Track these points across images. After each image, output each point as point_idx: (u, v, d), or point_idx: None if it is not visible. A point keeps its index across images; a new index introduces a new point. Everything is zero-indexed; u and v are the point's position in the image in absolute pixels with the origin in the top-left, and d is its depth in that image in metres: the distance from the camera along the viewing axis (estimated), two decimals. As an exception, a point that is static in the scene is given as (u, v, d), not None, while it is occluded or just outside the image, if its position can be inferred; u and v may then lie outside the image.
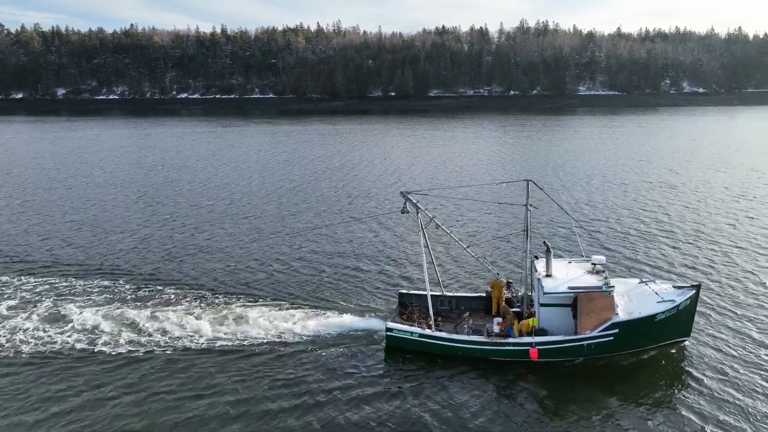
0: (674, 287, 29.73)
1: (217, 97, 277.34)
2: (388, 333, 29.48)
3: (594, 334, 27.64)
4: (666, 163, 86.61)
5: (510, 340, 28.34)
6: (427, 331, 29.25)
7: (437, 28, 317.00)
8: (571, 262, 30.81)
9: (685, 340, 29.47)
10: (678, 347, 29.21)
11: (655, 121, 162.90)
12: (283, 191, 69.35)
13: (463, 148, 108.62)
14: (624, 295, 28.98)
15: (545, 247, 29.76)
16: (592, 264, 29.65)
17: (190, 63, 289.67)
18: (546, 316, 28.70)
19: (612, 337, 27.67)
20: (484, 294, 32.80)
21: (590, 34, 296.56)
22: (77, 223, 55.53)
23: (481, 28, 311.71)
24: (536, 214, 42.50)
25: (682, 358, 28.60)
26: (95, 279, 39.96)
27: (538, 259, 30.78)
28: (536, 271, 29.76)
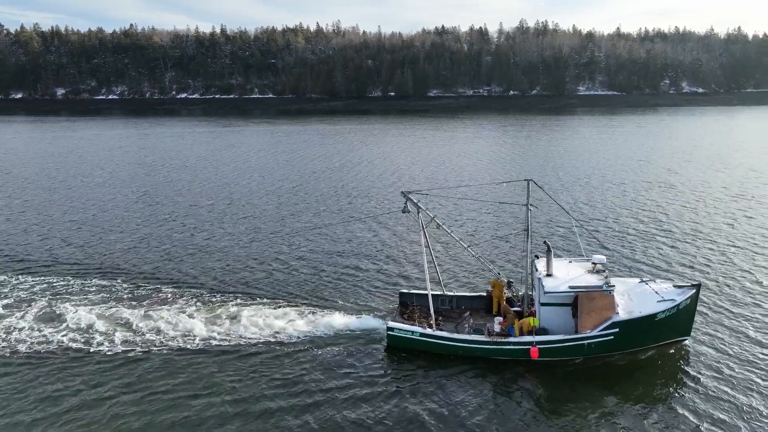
0: (674, 287, 29.80)
1: (216, 97, 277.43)
2: (389, 332, 29.54)
3: (594, 333, 27.71)
4: (665, 163, 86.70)
5: (511, 339, 28.40)
6: (428, 331, 29.30)
7: (437, 28, 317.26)
8: (571, 262, 30.90)
9: (685, 340, 29.56)
10: (678, 346, 29.29)
11: (654, 121, 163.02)
12: (282, 191, 69.41)
13: (463, 148, 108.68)
14: (624, 295, 29.04)
15: (546, 246, 29.84)
16: (593, 263, 29.73)
17: (189, 63, 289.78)
18: (547, 316, 28.77)
19: (612, 337, 27.74)
20: (485, 293, 32.87)
21: (590, 34, 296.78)
22: (76, 223, 55.56)
23: (480, 28, 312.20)
24: (537, 213, 42.59)
25: (682, 357, 28.68)
26: (93, 278, 39.98)
27: (539, 258, 30.85)
28: (537, 270, 29.82)
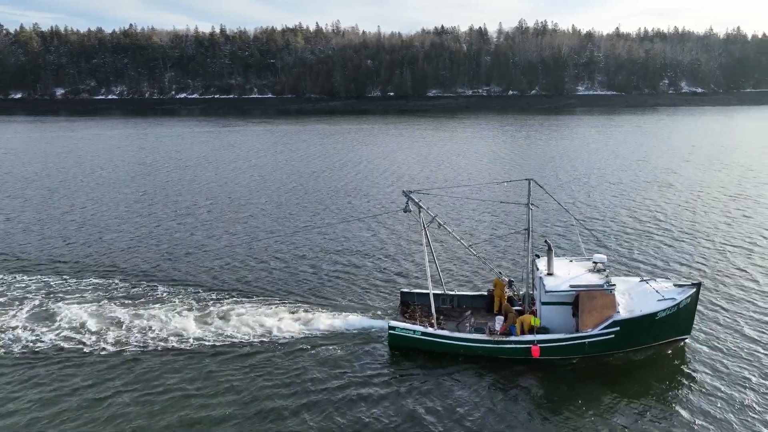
0: (675, 286, 29.89)
1: (215, 97, 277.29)
2: (390, 331, 29.62)
3: (595, 332, 27.81)
4: (665, 162, 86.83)
5: (512, 338, 28.49)
6: (430, 330, 29.40)
7: (436, 28, 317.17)
8: (572, 261, 30.99)
9: (686, 338, 29.66)
10: (678, 345, 29.39)
11: (653, 121, 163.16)
12: (282, 191, 69.47)
13: (462, 147, 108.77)
14: (625, 294, 29.15)
15: (547, 245, 29.96)
16: (593, 263, 29.83)
17: (188, 63, 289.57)
18: (548, 315, 28.89)
19: (613, 335, 27.84)
20: (486, 293, 32.98)
21: (589, 34, 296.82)
22: (75, 222, 55.57)
23: (480, 28, 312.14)
24: (537, 213, 42.66)
25: (683, 356, 28.78)
26: (91, 278, 39.92)
27: (540, 257, 30.98)
28: (538, 269, 29.94)
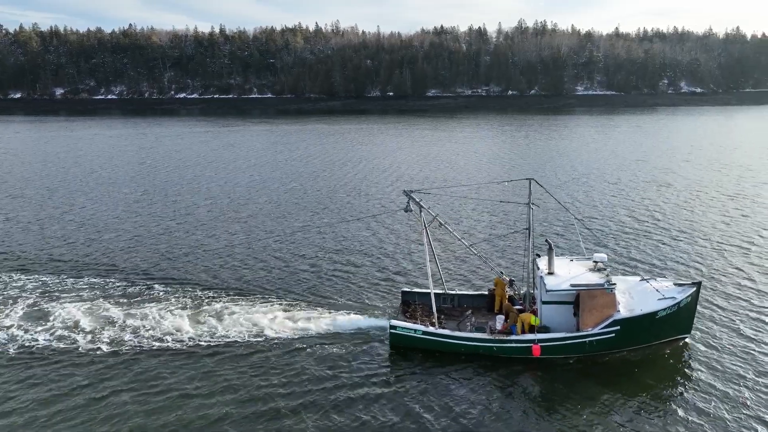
0: (675, 285, 29.98)
1: (215, 96, 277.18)
2: (391, 330, 29.67)
3: (596, 331, 27.89)
4: (664, 162, 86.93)
5: (513, 337, 28.57)
6: (431, 329, 29.46)
7: (435, 28, 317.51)
8: (572, 260, 31.04)
9: (686, 337, 29.74)
10: (679, 344, 29.48)
11: (652, 120, 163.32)
12: (281, 191, 69.49)
13: (462, 147, 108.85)
14: (625, 293, 29.22)
15: (547, 245, 30.03)
16: (594, 262, 29.91)
17: (188, 63, 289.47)
18: (548, 314, 28.96)
19: (614, 334, 27.92)
20: (487, 292, 33.04)
21: (588, 34, 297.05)
22: (74, 222, 55.54)
23: (479, 28, 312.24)
24: (538, 212, 42.77)
25: (683, 355, 28.87)
26: (89, 277, 39.93)
27: (540, 257, 31.06)
28: (538, 268, 30.01)
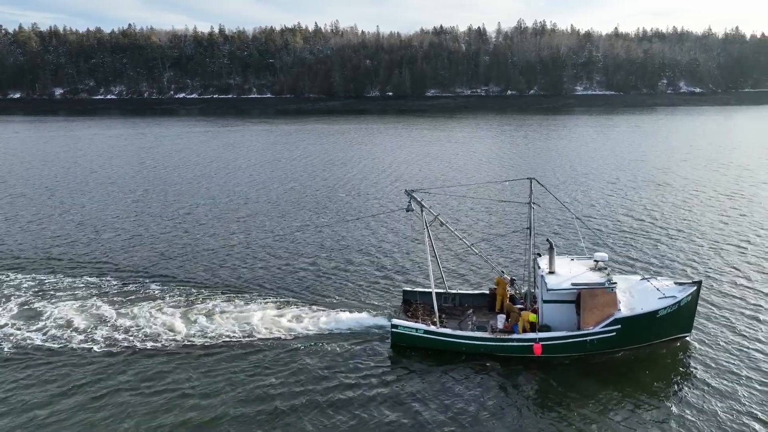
0: (675, 283, 30.06)
1: (214, 96, 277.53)
2: (393, 329, 29.76)
3: (597, 329, 27.98)
4: (664, 162, 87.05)
5: (514, 336, 28.68)
6: (432, 328, 29.56)
7: (435, 28, 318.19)
8: (573, 259, 31.11)
9: (687, 336, 29.84)
10: (679, 343, 29.59)
11: (652, 120, 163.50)
12: (281, 191, 69.53)
13: (462, 147, 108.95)
14: (626, 292, 29.31)
15: (548, 244, 30.12)
16: (595, 261, 29.99)
17: (187, 63, 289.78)
18: (549, 313, 29.06)
19: (614, 333, 28.01)
20: (488, 291, 33.13)
21: (587, 34, 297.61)
22: (72, 222, 55.53)
23: (478, 27, 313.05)
24: (538, 211, 42.86)
25: (684, 354, 28.98)
26: (86, 276, 40.03)
27: (541, 256, 31.15)
28: (539, 267, 30.08)
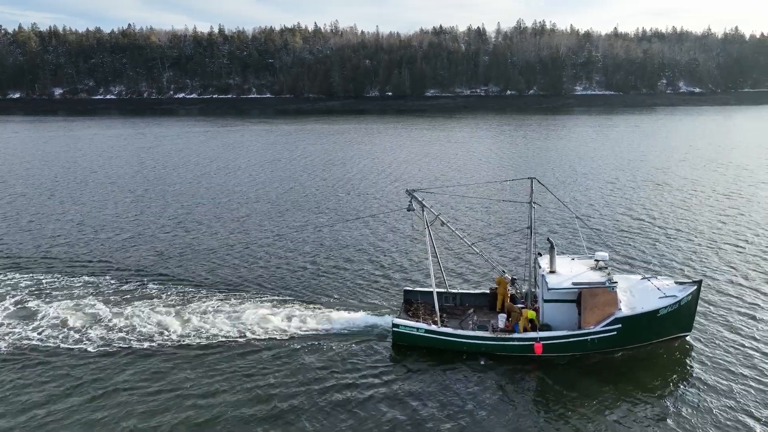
0: (676, 283, 30.17)
1: (214, 96, 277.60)
2: (394, 329, 29.85)
3: (597, 329, 28.08)
4: (663, 162, 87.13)
5: (515, 335, 28.77)
6: (433, 327, 29.65)
7: (434, 28, 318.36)
8: (574, 259, 31.22)
9: (687, 335, 29.95)
10: (680, 342, 29.70)
11: (651, 120, 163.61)
12: (281, 190, 69.55)
13: (461, 147, 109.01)
14: (627, 291, 29.43)
15: (549, 243, 30.21)
16: (595, 260, 30.09)
17: (187, 63, 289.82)
18: (550, 312, 29.16)
19: (615, 332, 28.11)
20: (489, 291, 33.21)
21: (587, 34, 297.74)
22: (71, 222, 55.66)
23: (478, 27, 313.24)
24: (539, 211, 42.89)
25: (684, 353, 29.09)
26: (85, 275, 40.28)
27: (542, 255, 31.23)
28: (540, 267, 30.18)
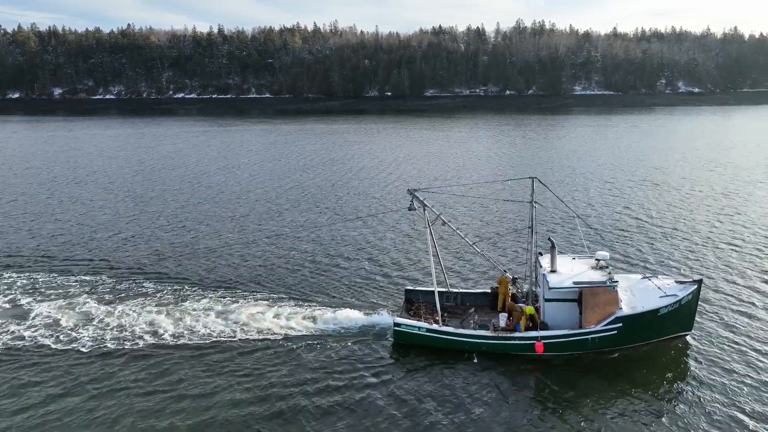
0: (676, 282, 30.35)
1: (213, 96, 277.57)
2: (395, 328, 29.96)
3: (598, 328, 28.22)
4: (662, 162, 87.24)
5: (516, 334, 28.89)
6: (435, 326, 29.76)
7: (434, 28, 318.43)
8: (575, 258, 31.35)
9: (687, 334, 30.08)
10: (680, 341, 29.82)
11: (650, 120, 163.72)
12: (281, 190, 69.61)
13: (461, 147, 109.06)
14: (627, 290, 29.58)
15: (550, 243, 30.32)
16: (596, 260, 30.24)
17: (186, 63, 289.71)
18: (551, 311, 29.28)
19: (616, 331, 28.25)
20: (490, 290, 33.32)
21: (586, 34, 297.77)
22: (70, 221, 55.79)
23: (477, 28, 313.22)
24: (540, 211, 43.01)
25: (684, 351, 29.20)
26: (81, 275, 40.48)
27: (543, 255, 31.35)
28: (541, 266, 30.30)
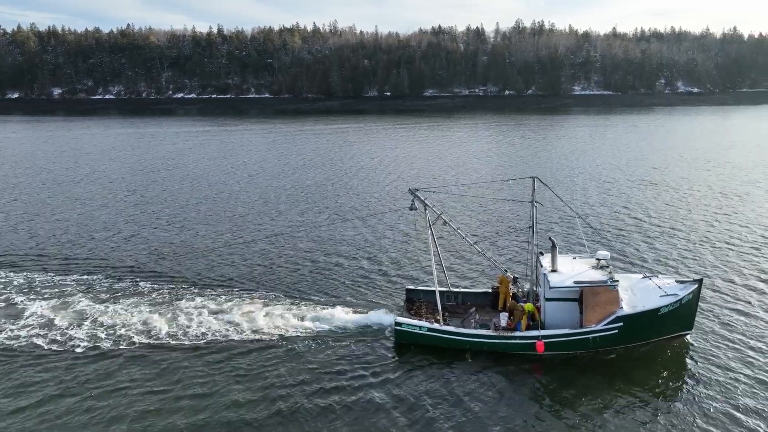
0: (677, 282, 30.37)
1: (213, 96, 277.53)
2: (397, 327, 30.01)
3: (599, 327, 28.27)
4: (662, 162, 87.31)
5: (516, 333, 28.95)
6: (436, 326, 29.82)
7: (433, 28, 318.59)
8: (575, 258, 31.38)
9: (688, 333, 30.12)
10: (681, 340, 29.87)
11: (649, 120, 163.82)
12: (281, 190, 69.66)
13: (461, 147, 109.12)
14: (628, 290, 29.64)
15: (551, 242, 30.37)
16: (597, 259, 30.28)
17: (186, 63, 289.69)
18: (552, 311, 29.33)
19: (616, 331, 28.30)
20: (491, 290, 33.37)
21: (585, 34, 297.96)
22: (69, 221, 55.81)
23: (477, 27, 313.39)
24: (541, 210, 43.01)
25: (684, 351, 29.26)
26: (77, 275, 40.59)
27: (543, 254, 31.39)
28: (542, 266, 30.35)
